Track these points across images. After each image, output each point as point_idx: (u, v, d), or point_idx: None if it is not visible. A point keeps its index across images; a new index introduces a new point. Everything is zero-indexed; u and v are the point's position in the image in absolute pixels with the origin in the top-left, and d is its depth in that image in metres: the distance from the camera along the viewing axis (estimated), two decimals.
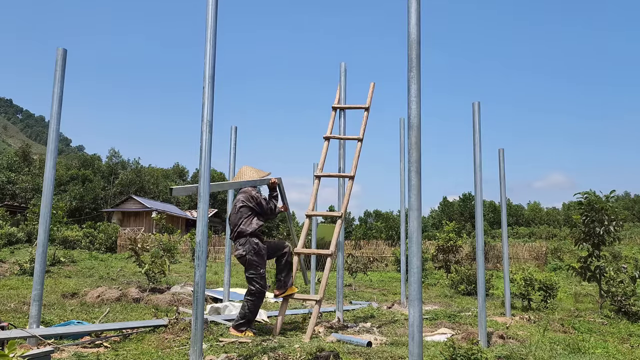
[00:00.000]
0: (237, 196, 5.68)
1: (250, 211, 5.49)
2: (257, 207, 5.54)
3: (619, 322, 7.47)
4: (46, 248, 4.70)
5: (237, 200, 5.60)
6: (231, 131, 7.78)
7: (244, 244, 5.37)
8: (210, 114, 3.91)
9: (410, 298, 3.01)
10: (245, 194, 5.59)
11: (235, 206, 5.58)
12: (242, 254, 5.35)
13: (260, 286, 5.34)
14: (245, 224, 5.42)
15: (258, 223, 5.48)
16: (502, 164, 7.80)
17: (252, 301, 5.32)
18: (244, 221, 5.43)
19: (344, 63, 6.87)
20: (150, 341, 4.68)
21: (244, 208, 5.50)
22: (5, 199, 40.30)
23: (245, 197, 5.56)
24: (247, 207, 5.50)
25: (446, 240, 16.17)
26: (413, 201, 3.09)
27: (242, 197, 5.57)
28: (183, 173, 68.81)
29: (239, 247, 5.40)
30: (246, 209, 5.49)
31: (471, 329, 5.98)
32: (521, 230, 57.59)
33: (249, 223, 5.43)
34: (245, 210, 5.49)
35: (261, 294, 5.37)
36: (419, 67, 3.23)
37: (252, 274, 5.36)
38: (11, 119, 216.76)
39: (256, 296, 5.34)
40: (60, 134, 5.11)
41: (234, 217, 5.56)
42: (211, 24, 4.01)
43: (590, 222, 8.88)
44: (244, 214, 5.46)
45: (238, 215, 5.49)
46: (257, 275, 5.35)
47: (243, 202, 5.51)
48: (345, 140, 6.70)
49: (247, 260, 5.34)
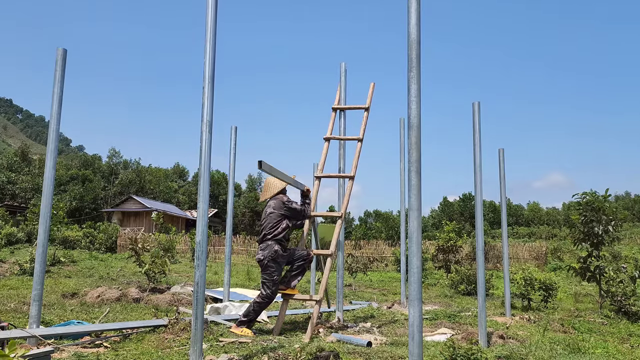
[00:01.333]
0: (269, 202, 5.82)
1: (279, 217, 5.64)
2: (289, 212, 5.70)
3: (619, 322, 7.48)
4: (46, 248, 4.70)
5: (268, 206, 5.76)
6: (231, 131, 7.78)
7: (264, 248, 5.54)
8: (210, 114, 3.91)
9: (410, 298, 3.01)
10: (277, 200, 5.75)
11: (266, 212, 5.75)
12: (260, 258, 5.54)
13: (271, 292, 5.50)
14: (270, 229, 5.58)
15: (284, 229, 5.61)
16: (502, 164, 7.80)
17: (258, 304, 5.49)
18: (270, 226, 5.60)
19: (344, 63, 6.87)
20: (150, 341, 4.68)
21: (273, 214, 5.65)
22: (5, 199, 40.31)
23: (276, 205, 5.71)
24: (276, 214, 5.64)
25: (446, 240, 16.17)
26: (413, 201, 3.09)
27: (273, 203, 5.74)
28: (183, 173, 68.82)
29: (260, 251, 5.58)
30: (275, 215, 5.64)
31: (471, 329, 5.99)
32: (521, 230, 57.59)
33: (275, 229, 5.58)
34: (274, 216, 5.64)
35: (269, 300, 5.53)
36: (419, 67, 3.23)
37: (265, 279, 5.53)
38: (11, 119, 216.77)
39: (264, 301, 5.51)
40: (60, 134, 5.11)
41: (264, 222, 5.73)
42: (211, 24, 4.01)
43: (589, 222, 8.88)
44: (273, 220, 5.63)
45: (267, 220, 5.67)
46: (270, 281, 5.51)
47: (273, 209, 5.68)
48: (345, 140, 6.71)
49: (264, 265, 5.51)
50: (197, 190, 7.38)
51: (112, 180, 54.43)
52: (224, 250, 11.88)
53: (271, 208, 5.70)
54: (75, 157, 69.34)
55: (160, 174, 59.75)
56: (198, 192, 3.87)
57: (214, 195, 55.22)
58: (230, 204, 7.87)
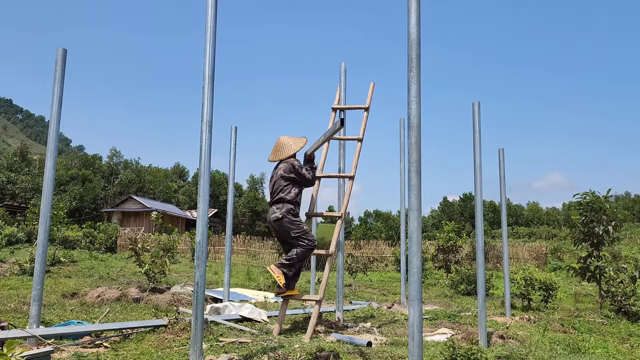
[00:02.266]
0: (279, 165, 5.83)
1: (289, 181, 5.66)
2: (298, 177, 5.71)
3: (619, 322, 7.47)
4: (46, 248, 4.70)
5: (279, 169, 5.76)
6: (231, 131, 7.78)
7: (281, 207, 5.55)
8: (210, 114, 3.91)
9: (410, 298, 3.01)
10: (288, 164, 5.75)
11: (277, 174, 5.75)
12: (278, 216, 5.52)
13: (309, 241, 5.53)
14: (284, 192, 5.61)
15: (296, 193, 5.67)
16: (502, 164, 7.80)
17: (302, 251, 5.48)
18: (284, 189, 5.63)
19: (343, 63, 6.87)
20: (150, 341, 4.68)
21: (283, 178, 5.67)
22: (5, 199, 40.28)
23: (287, 168, 5.72)
24: (286, 178, 5.67)
25: (446, 240, 16.17)
26: (413, 201, 3.09)
27: (284, 166, 5.74)
28: (183, 173, 68.79)
29: (276, 210, 5.56)
30: (284, 179, 5.67)
31: (471, 329, 5.99)
32: (521, 230, 57.57)
33: (288, 192, 5.62)
34: (283, 180, 5.66)
35: (313, 246, 5.56)
36: (419, 67, 3.23)
37: (296, 233, 5.52)
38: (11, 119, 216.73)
39: (306, 248, 5.51)
40: (60, 134, 5.11)
41: (274, 185, 5.75)
42: (211, 24, 4.01)
43: (589, 223, 8.88)
44: (283, 183, 5.66)
45: (278, 184, 5.69)
46: (302, 232, 5.53)
47: (284, 172, 5.69)
48: (345, 140, 6.70)
49: (283, 224, 5.50)
50: (197, 190, 7.38)
51: (112, 180, 54.42)
52: (224, 250, 11.88)
53: (281, 171, 5.70)
54: (75, 157, 69.31)
55: (160, 174, 59.73)
56: (198, 192, 3.87)
57: (214, 195, 55.19)
58: (230, 204, 7.87)
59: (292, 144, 5.90)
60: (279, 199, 5.58)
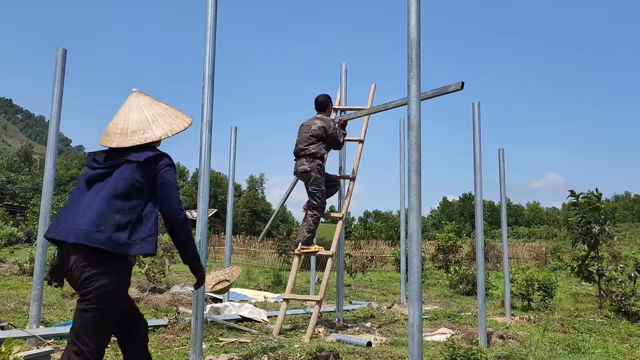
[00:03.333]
0: (315, 120, 5.99)
1: (320, 139, 5.91)
2: (331, 137, 5.95)
3: (619, 322, 7.47)
4: (46, 248, 4.70)
5: (313, 124, 5.95)
6: (231, 131, 7.78)
7: (310, 161, 5.85)
8: (210, 114, 3.91)
9: (410, 298, 3.01)
10: (325, 121, 5.97)
11: (310, 127, 5.94)
12: (307, 169, 5.83)
13: (321, 201, 5.93)
14: (315, 147, 5.87)
15: (326, 149, 6.00)
16: (502, 164, 7.80)
17: (315, 215, 5.91)
18: (316, 144, 5.88)
19: (344, 64, 6.87)
20: (150, 341, 4.65)
21: (317, 134, 5.89)
22: (5, 199, 40.28)
23: (323, 125, 5.92)
24: (319, 135, 5.89)
25: (446, 240, 16.17)
26: (413, 201, 3.09)
27: (320, 123, 5.94)
28: (183, 173, 68.79)
29: (305, 162, 5.86)
30: (317, 136, 5.89)
31: (471, 329, 5.99)
32: (521, 230, 57.60)
33: (319, 148, 5.89)
34: (317, 136, 5.89)
35: (322, 208, 5.98)
36: (419, 67, 3.23)
37: (314, 189, 5.88)
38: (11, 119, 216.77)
39: (318, 210, 5.92)
40: (60, 134, 5.11)
41: (306, 136, 5.93)
42: (211, 24, 4.01)
43: (587, 223, 8.90)
44: (315, 139, 5.89)
45: (311, 139, 5.89)
46: (319, 191, 5.89)
47: (319, 129, 5.90)
48: (346, 141, 6.70)
49: (311, 177, 5.84)
50: (197, 190, 7.38)
51: None
52: (224, 250, 11.87)
53: (316, 127, 5.90)
54: (75, 157, 69.32)
55: None
56: (198, 192, 3.87)
57: (213, 195, 55.20)
58: (230, 204, 7.86)
59: (328, 102, 6.23)
60: (312, 154, 5.85)
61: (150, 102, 2.71)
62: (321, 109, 6.17)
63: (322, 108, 6.17)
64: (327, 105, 6.21)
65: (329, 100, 6.24)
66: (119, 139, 2.55)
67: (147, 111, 2.66)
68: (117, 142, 2.54)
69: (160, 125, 2.63)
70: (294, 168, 6.05)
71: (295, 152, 6.03)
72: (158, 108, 2.70)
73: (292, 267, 6.01)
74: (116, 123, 2.61)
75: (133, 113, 2.63)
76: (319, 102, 6.19)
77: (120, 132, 2.56)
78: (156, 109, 2.69)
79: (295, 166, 6.02)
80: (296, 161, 6.01)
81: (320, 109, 6.17)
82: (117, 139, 2.55)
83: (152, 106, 2.69)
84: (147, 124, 2.60)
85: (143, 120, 2.61)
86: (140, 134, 2.56)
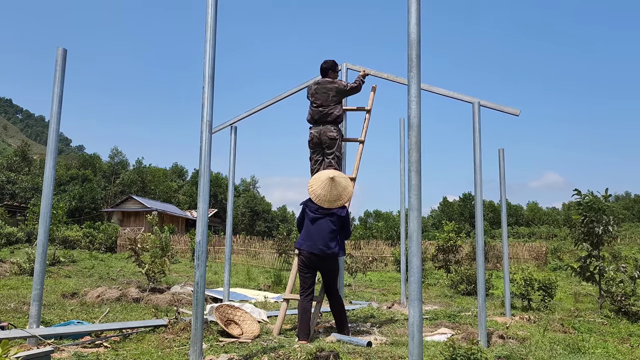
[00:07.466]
0: (327, 85, 6.15)
1: (339, 103, 6.17)
2: (345, 93, 6.22)
3: (619, 322, 7.47)
4: (46, 248, 4.70)
5: (330, 89, 6.13)
6: (231, 131, 7.77)
7: (337, 129, 6.13)
8: (210, 114, 3.91)
9: (410, 298, 3.01)
10: (337, 84, 6.17)
11: (328, 94, 6.12)
12: (335, 136, 6.05)
13: (338, 158, 6.16)
14: (338, 112, 6.12)
15: (340, 111, 6.17)
16: (502, 164, 7.79)
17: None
18: (337, 108, 6.12)
19: (345, 64, 6.87)
20: (150, 341, 4.68)
21: (335, 97, 6.12)
22: (5, 199, 40.26)
23: (338, 85, 6.15)
24: (336, 98, 6.12)
25: (446, 240, 16.17)
26: (413, 201, 3.09)
27: (335, 87, 6.14)
28: (182, 173, 68.77)
29: (333, 130, 6.06)
30: (335, 100, 6.13)
31: (471, 329, 5.98)
32: (521, 230, 57.58)
33: (339, 112, 6.13)
34: (334, 100, 6.11)
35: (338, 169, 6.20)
36: (419, 67, 3.23)
37: (338, 154, 6.14)
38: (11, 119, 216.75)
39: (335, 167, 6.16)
40: (60, 134, 5.11)
41: (324, 96, 6.11)
42: (211, 24, 4.01)
43: (590, 222, 8.89)
44: (332, 101, 6.11)
45: (328, 106, 6.09)
46: (340, 155, 6.21)
47: (337, 93, 6.12)
48: (346, 142, 6.70)
49: (332, 141, 6.05)
50: (197, 190, 7.38)
51: (113, 180, 54.38)
52: (224, 250, 11.87)
53: (334, 92, 6.09)
54: (75, 157, 69.33)
55: (160, 173, 59.69)
56: (198, 192, 3.87)
57: (213, 195, 55.21)
58: (230, 204, 7.86)
59: (335, 65, 6.38)
60: (336, 120, 6.09)
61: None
62: (330, 73, 6.31)
63: (331, 71, 6.31)
64: (334, 68, 6.36)
65: (335, 63, 6.40)
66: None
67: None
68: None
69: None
70: (309, 136, 6.14)
71: (317, 119, 6.11)
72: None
73: (293, 267, 6.00)
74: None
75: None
76: (327, 67, 6.30)
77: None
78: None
79: (315, 132, 6.09)
80: (315, 127, 6.11)
81: (327, 74, 6.31)
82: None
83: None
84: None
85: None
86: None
